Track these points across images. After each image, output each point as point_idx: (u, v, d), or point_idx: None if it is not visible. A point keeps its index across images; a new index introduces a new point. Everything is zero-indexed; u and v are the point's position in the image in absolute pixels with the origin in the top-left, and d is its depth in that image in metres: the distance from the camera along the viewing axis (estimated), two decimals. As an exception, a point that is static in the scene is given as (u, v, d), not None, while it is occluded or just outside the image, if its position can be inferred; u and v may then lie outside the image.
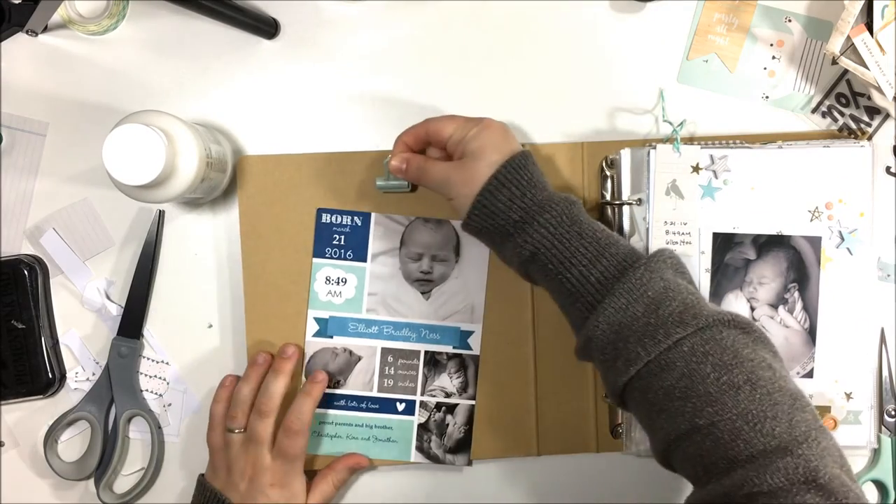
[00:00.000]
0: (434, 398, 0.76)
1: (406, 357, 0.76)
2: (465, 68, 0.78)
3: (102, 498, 0.77)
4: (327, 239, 0.76)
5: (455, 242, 0.76)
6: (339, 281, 0.76)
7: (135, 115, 0.68)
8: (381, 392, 0.76)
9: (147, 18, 0.78)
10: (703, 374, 0.59)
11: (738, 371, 0.58)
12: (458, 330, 0.76)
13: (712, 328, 0.60)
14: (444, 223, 0.76)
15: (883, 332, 0.76)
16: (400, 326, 0.76)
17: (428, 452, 0.76)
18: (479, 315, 0.76)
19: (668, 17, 0.77)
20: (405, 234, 0.76)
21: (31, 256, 0.78)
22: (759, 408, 0.57)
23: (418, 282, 0.76)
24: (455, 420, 0.76)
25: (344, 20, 0.78)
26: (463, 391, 0.76)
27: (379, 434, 0.76)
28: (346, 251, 0.76)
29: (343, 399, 0.76)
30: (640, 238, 0.74)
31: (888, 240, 0.76)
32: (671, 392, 0.59)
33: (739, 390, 0.57)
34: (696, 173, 0.74)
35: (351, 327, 0.76)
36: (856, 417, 0.74)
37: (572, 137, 0.77)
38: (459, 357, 0.76)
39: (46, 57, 0.78)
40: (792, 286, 0.74)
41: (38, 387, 0.77)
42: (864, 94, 0.76)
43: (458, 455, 0.76)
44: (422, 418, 0.76)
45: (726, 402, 0.57)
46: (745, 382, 0.58)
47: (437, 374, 0.76)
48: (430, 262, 0.76)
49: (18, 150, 0.78)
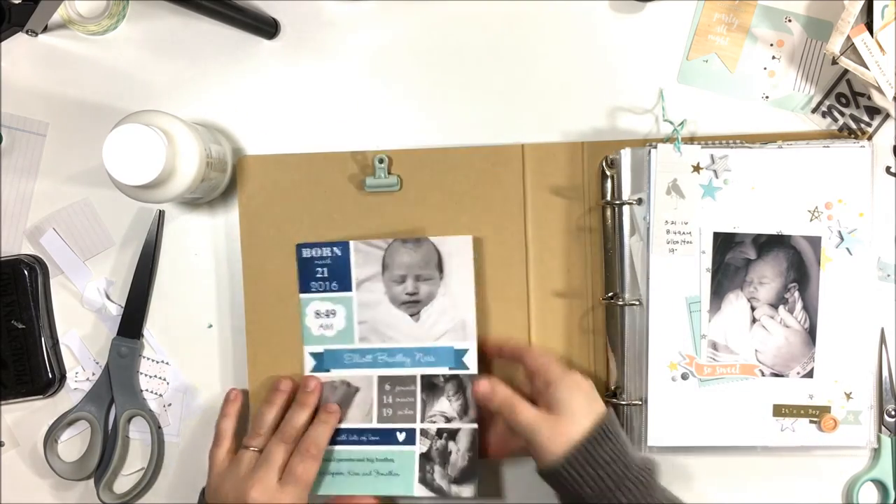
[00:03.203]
0: (434, 424, 0.74)
1: (403, 383, 0.75)
2: (464, 68, 0.78)
3: (102, 498, 0.77)
4: (311, 273, 0.75)
5: (437, 260, 0.75)
6: (328, 314, 0.75)
7: (135, 115, 0.68)
8: (381, 423, 0.75)
9: (147, 18, 0.78)
10: None
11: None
12: (451, 350, 0.75)
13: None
14: (422, 241, 0.75)
15: (883, 332, 0.76)
16: (394, 353, 0.75)
17: (431, 484, 0.74)
18: (471, 331, 0.74)
19: (668, 17, 0.77)
20: (385, 258, 0.75)
21: (31, 256, 0.78)
22: None
23: (405, 304, 0.75)
24: (458, 447, 0.74)
25: (344, 20, 0.78)
26: (464, 414, 0.74)
27: (380, 468, 0.74)
28: (330, 283, 0.75)
29: (343, 433, 0.75)
30: (640, 238, 0.74)
31: (888, 240, 0.76)
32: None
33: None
34: (697, 173, 0.74)
35: (346, 358, 0.75)
36: (856, 417, 0.74)
37: (572, 137, 0.77)
38: (457, 378, 0.74)
39: (46, 57, 0.78)
40: (792, 286, 0.74)
41: (38, 387, 0.77)
42: (864, 94, 0.76)
43: (463, 486, 0.74)
44: (423, 447, 0.74)
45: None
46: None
47: (436, 398, 0.75)
48: (415, 283, 0.75)
49: (18, 150, 0.78)
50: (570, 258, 0.76)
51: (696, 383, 0.74)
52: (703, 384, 0.74)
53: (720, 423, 0.74)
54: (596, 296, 0.76)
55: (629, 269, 0.75)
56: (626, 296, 0.75)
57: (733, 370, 0.74)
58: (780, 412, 0.74)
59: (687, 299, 0.74)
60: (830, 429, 0.74)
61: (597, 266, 0.76)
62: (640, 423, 0.74)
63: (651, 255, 0.74)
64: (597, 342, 0.76)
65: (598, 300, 0.76)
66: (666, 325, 0.74)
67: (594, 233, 0.76)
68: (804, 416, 0.74)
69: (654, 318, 0.74)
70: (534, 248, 0.76)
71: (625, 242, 0.75)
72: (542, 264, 0.76)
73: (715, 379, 0.74)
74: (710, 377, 0.74)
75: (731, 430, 0.74)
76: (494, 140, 0.77)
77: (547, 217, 0.76)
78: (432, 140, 0.77)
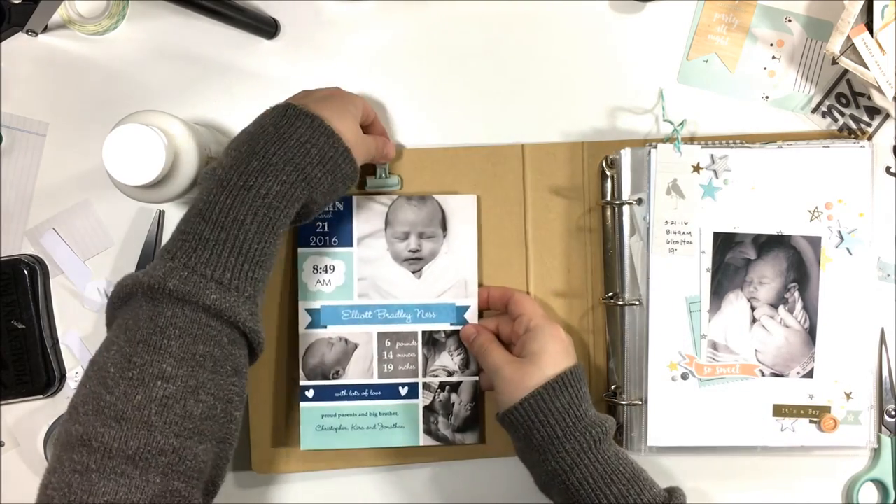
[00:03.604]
0: (437, 378, 0.75)
1: (404, 340, 0.76)
2: (464, 68, 0.78)
3: (102, 498, 0.76)
4: (310, 227, 0.75)
5: (441, 217, 0.75)
6: (326, 269, 0.75)
7: (135, 115, 0.68)
8: (382, 378, 0.75)
9: (147, 18, 0.78)
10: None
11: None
12: (453, 306, 0.75)
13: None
14: (427, 199, 0.75)
15: (883, 332, 0.76)
16: (394, 309, 0.75)
17: (437, 434, 0.75)
18: (472, 289, 0.75)
19: (668, 17, 0.77)
20: (389, 214, 0.75)
21: (31, 256, 0.78)
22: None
23: (408, 261, 0.75)
24: (460, 398, 0.75)
25: (344, 20, 0.78)
26: (465, 368, 0.75)
27: (385, 421, 0.75)
28: (330, 237, 0.75)
29: (344, 389, 0.75)
30: (640, 238, 0.74)
31: (888, 240, 0.76)
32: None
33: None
34: (697, 173, 0.74)
35: (344, 315, 0.75)
36: (856, 417, 0.74)
37: (572, 137, 0.77)
38: (458, 333, 0.76)
39: (46, 57, 0.78)
40: (792, 286, 0.74)
41: (38, 387, 0.77)
42: (864, 94, 0.76)
43: (466, 433, 0.75)
44: (426, 400, 0.75)
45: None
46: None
47: (438, 353, 0.76)
48: (418, 240, 0.75)
49: (18, 150, 0.78)
50: (570, 258, 0.76)
51: (696, 383, 0.74)
52: (703, 384, 0.74)
53: (720, 423, 0.74)
54: (596, 296, 0.76)
55: (629, 269, 0.75)
56: (626, 296, 0.75)
57: (733, 370, 0.74)
58: (780, 412, 0.74)
59: (687, 299, 0.74)
60: (830, 429, 0.74)
61: (597, 266, 0.76)
62: (641, 423, 0.74)
63: (651, 255, 0.74)
64: (597, 342, 0.77)
65: (597, 300, 0.76)
66: (666, 325, 0.74)
67: (594, 233, 0.76)
68: (804, 416, 0.74)
69: (654, 318, 0.74)
70: (534, 248, 0.76)
71: (625, 242, 0.75)
72: (542, 264, 0.76)
73: (715, 379, 0.74)
74: (710, 377, 0.74)
75: (731, 430, 0.74)
76: (494, 140, 0.77)
77: (547, 217, 0.76)
78: (433, 140, 0.77)
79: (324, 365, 0.75)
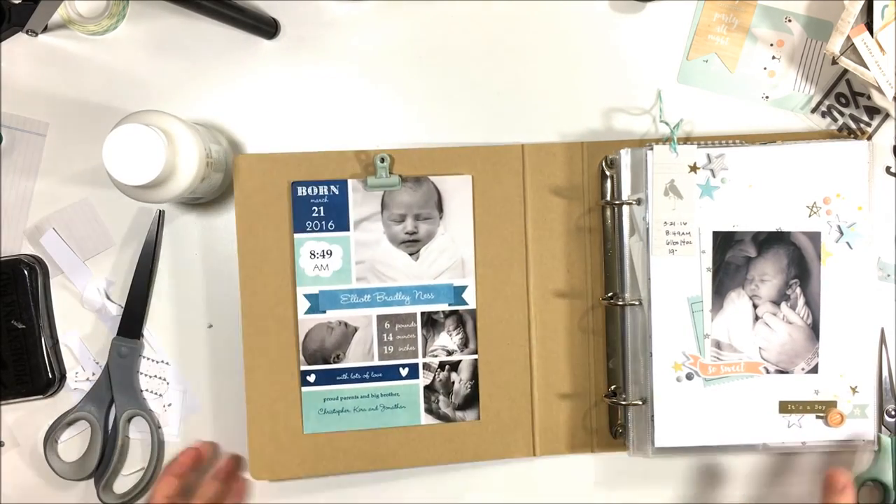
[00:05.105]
0: (436, 358, 0.76)
1: (403, 321, 0.76)
2: (464, 68, 0.78)
3: (102, 498, 0.76)
4: (306, 212, 0.75)
5: (437, 198, 0.76)
6: (324, 253, 0.75)
7: (135, 115, 0.68)
8: (383, 360, 0.76)
9: (147, 18, 0.78)
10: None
11: None
12: (451, 286, 0.76)
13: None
14: (423, 180, 0.76)
15: (883, 332, 0.76)
16: (392, 291, 0.76)
17: (438, 413, 0.76)
18: (470, 269, 0.76)
19: (668, 17, 0.77)
20: (385, 197, 0.76)
21: (31, 256, 0.78)
22: None
23: (405, 243, 0.76)
24: (460, 377, 0.76)
25: (344, 20, 0.78)
26: (464, 346, 0.76)
27: (386, 402, 0.76)
28: (327, 222, 0.75)
29: (345, 372, 0.76)
30: (640, 238, 0.74)
31: (888, 240, 0.76)
32: None
33: None
34: (694, 172, 0.74)
35: (343, 299, 0.76)
36: (862, 411, 0.74)
37: (572, 137, 0.77)
38: (456, 313, 0.76)
39: (46, 57, 0.78)
40: (793, 282, 0.74)
41: (38, 387, 0.77)
42: (864, 94, 0.76)
43: (467, 411, 0.76)
44: (427, 380, 0.76)
45: None
46: None
47: (437, 333, 0.76)
48: (415, 222, 0.76)
49: (18, 150, 0.78)
50: (570, 258, 0.76)
51: (701, 383, 0.74)
52: (709, 384, 0.74)
53: (727, 422, 0.74)
54: (596, 296, 0.76)
55: (629, 269, 0.75)
56: (626, 296, 0.75)
57: (738, 368, 0.74)
58: (787, 409, 0.74)
59: (689, 299, 0.74)
60: (837, 423, 0.74)
61: (597, 266, 0.76)
62: (642, 423, 0.74)
63: (651, 256, 0.74)
64: (597, 342, 0.76)
65: (597, 300, 0.76)
66: (669, 325, 0.74)
67: (594, 233, 0.76)
68: (810, 412, 0.74)
69: (656, 318, 0.74)
70: (534, 248, 0.76)
71: (624, 242, 0.75)
72: (542, 264, 0.76)
73: (720, 378, 0.74)
74: (714, 376, 0.74)
75: (737, 429, 0.74)
76: (494, 140, 0.77)
77: (547, 217, 0.76)
78: (432, 139, 0.77)
79: (324, 349, 0.75)
